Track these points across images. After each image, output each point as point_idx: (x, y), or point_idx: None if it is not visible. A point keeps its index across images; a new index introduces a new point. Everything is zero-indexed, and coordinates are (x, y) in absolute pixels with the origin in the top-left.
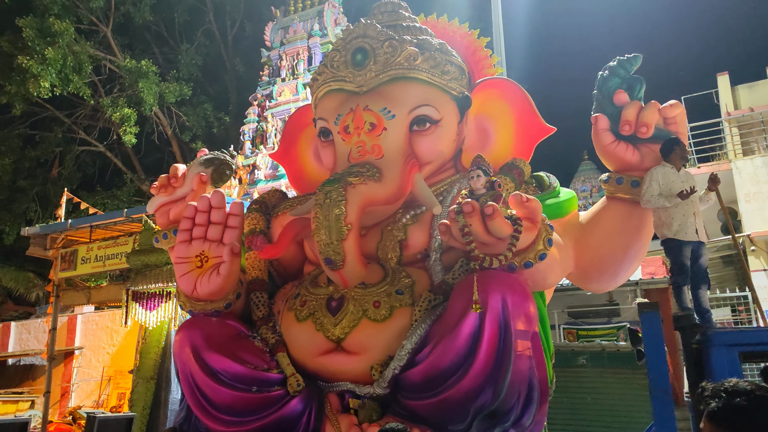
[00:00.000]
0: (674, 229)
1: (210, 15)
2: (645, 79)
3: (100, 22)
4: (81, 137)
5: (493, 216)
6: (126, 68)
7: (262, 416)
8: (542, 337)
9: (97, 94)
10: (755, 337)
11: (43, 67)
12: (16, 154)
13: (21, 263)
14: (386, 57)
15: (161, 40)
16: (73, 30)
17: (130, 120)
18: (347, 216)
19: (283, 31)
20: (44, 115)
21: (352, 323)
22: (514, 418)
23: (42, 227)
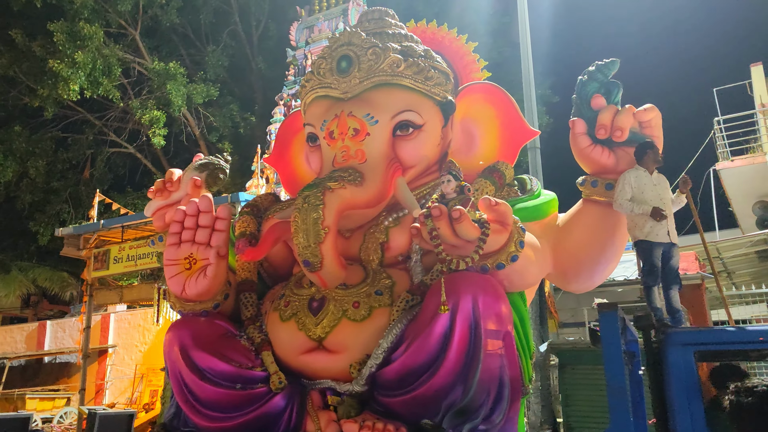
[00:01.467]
0: (645, 230)
1: (235, 16)
2: (676, 71)
3: (128, 26)
4: (111, 139)
5: (460, 220)
6: (154, 71)
7: (245, 412)
8: (520, 336)
9: (126, 97)
10: (710, 337)
11: (73, 70)
12: (49, 157)
13: (55, 263)
14: (370, 64)
15: (188, 42)
16: (102, 34)
17: (159, 122)
18: (325, 220)
19: (308, 31)
20: (76, 118)
21: (332, 323)
22: (484, 414)
23: (75, 228)
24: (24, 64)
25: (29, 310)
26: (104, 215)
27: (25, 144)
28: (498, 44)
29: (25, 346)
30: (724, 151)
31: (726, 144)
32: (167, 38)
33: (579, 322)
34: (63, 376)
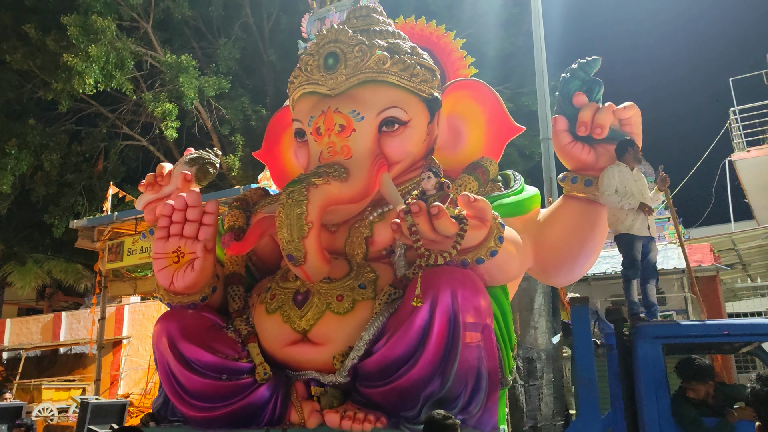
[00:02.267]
0: (627, 224)
1: (246, 8)
2: (691, 60)
3: (140, 19)
4: (125, 132)
5: (438, 216)
6: (166, 63)
7: (231, 402)
8: (501, 329)
9: (139, 89)
10: (677, 331)
11: (87, 64)
12: (63, 150)
13: (70, 255)
14: (356, 61)
15: (200, 35)
16: (114, 27)
17: (171, 115)
18: (308, 215)
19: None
20: (89, 111)
21: (316, 316)
22: (462, 405)
23: (89, 220)
24: (38, 58)
25: (44, 301)
26: (118, 207)
27: (40, 137)
28: (510, 34)
29: (40, 337)
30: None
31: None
32: (179, 31)
33: None
34: (78, 366)
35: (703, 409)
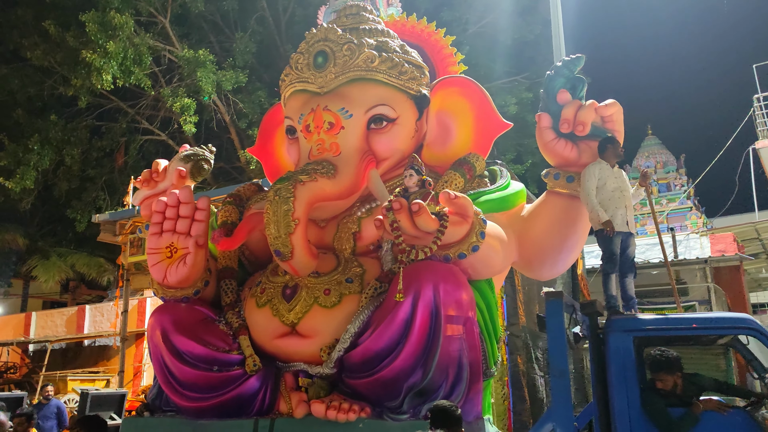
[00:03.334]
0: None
1: (263, 1)
2: (713, 47)
3: (158, 14)
4: (144, 127)
5: (419, 213)
6: (184, 58)
7: (222, 393)
8: (486, 321)
9: (158, 84)
10: (647, 324)
11: (105, 60)
12: (84, 145)
13: (92, 249)
14: (345, 59)
15: (217, 29)
16: (132, 23)
17: (189, 109)
18: (295, 212)
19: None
20: (109, 107)
21: (304, 309)
22: (443, 395)
23: (111, 214)
24: (58, 55)
25: (68, 295)
26: None
27: (61, 133)
28: (528, 22)
29: (65, 330)
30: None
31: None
32: (197, 25)
33: None
34: (102, 358)
35: (672, 399)
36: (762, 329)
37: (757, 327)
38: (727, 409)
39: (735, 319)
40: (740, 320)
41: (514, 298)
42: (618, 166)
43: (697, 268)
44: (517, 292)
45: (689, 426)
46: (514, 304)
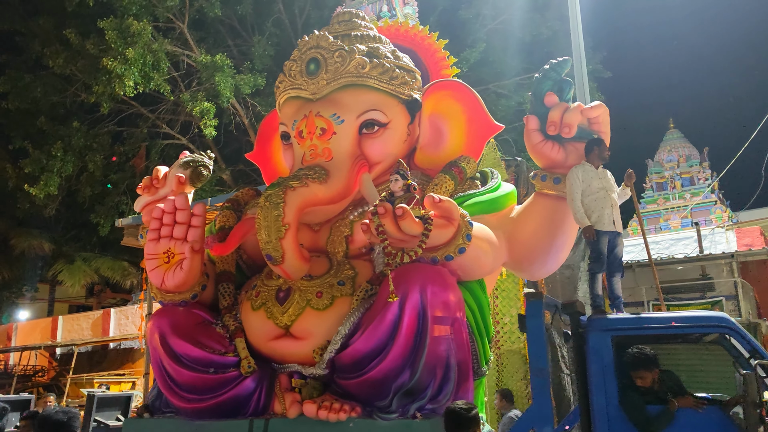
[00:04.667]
0: (593, 219)
1: (279, 4)
2: (732, 43)
3: (176, 19)
4: (165, 131)
5: (403, 217)
6: (202, 63)
7: (218, 394)
8: (477, 321)
9: (177, 89)
10: (625, 323)
11: (126, 67)
12: (106, 151)
13: (116, 253)
14: (336, 66)
15: (235, 33)
16: (150, 29)
17: (209, 113)
18: (285, 217)
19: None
20: (130, 112)
21: (297, 312)
22: (431, 395)
23: (134, 218)
24: (79, 63)
25: (93, 298)
26: None
27: (84, 139)
28: (546, 18)
29: (91, 333)
30: None
31: None
32: (215, 30)
33: (637, 301)
34: (127, 361)
35: (650, 396)
36: (736, 327)
37: (731, 325)
38: (703, 405)
39: (711, 317)
40: (716, 318)
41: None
42: (603, 167)
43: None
44: (540, 290)
45: (665, 423)
46: None
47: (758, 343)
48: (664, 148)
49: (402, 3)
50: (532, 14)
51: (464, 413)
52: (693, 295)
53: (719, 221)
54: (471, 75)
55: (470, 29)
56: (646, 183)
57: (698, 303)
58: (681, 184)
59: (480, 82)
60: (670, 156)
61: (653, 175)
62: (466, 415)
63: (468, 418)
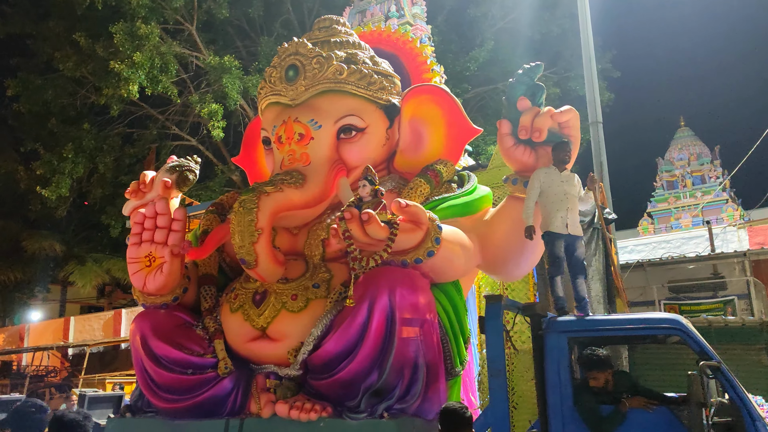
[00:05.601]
0: (547, 222)
1: (288, 5)
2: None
3: (185, 21)
4: (174, 132)
5: (369, 221)
6: (210, 65)
7: (196, 395)
8: (452, 322)
9: (186, 91)
10: (581, 325)
11: (133, 70)
12: (116, 152)
13: None
14: (314, 72)
15: (243, 34)
16: (158, 32)
17: (217, 115)
18: (258, 222)
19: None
20: (140, 114)
21: (273, 314)
22: (398, 395)
23: None
24: (89, 65)
25: (104, 299)
26: None
27: (94, 141)
28: (556, 17)
29: (102, 334)
30: None
31: None
32: (223, 31)
33: (649, 300)
34: None
35: (603, 397)
36: (686, 329)
37: (681, 327)
38: (653, 406)
39: (663, 319)
40: (667, 320)
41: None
42: (569, 170)
43: (736, 261)
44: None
45: (617, 423)
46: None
47: (707, 344)
48: (675, 146)
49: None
50: (541, 12)
51: (460, 413)
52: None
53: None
54: (480, 74)
55: (479, 28)
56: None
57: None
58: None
59: (489, 81)
60: (680, 154)
61: (664, 173)
62: (462, 415)
63: (464, 418)
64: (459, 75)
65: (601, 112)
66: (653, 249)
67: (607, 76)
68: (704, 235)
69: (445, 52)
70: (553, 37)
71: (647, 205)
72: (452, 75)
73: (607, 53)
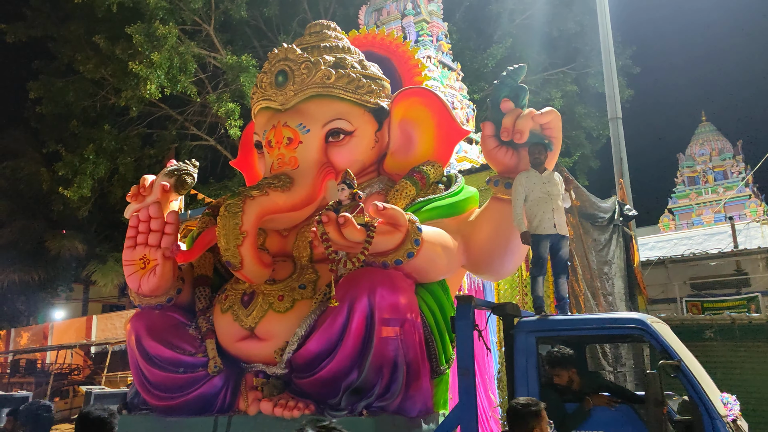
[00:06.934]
0: (534, 224)
1: (304, 4)
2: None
3: (202, 22)
4: (193, 132)
5: (345, 225)
6: (227, 64)
7: (186, 393)
8: (438, 321)
9: (204, 90)
10: (548, 325)
11: (151, 70)
12: (136, 153)
13: None
14: (303, 77)
15: (260, 34)
16: (176, 33)
17: (234, 114)
18: (243, 225)
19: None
20: (159, 114)
21: (260, 314)
22: (378, 393)
23: None
24: (109, 67)
25: (125, 298)
26: (190, 206)
27: (114, 142)
28: (575, 13)
29: (124, 332)
30: None
31: None
32: (240, 31)
33: (670, 297)
34: None
35: (569, 395)
36: (649, 329)
37: (645, 327)
38: (616, 404)
39: (627, 319)
40: (631, 320)
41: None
42: (549, 171)
43: (759, 257)
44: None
45: (580, 420)
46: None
47: (669, 344)
48: (696, 142)
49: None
50: (559, 9)
51: (521, 408)
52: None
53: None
54: (498, 71)
55: (497, 25)
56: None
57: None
58: (714, 178)
59: None
60: (702, 149)
61: (685, 169)
62: (523, 410)
63: (524, 413)
64: (476, 72)
65: (620, 108)
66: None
67: (626, 72)
68: (727, 231)
69: (462, 50)
70: (571, 34)
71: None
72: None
73: (626, 49)
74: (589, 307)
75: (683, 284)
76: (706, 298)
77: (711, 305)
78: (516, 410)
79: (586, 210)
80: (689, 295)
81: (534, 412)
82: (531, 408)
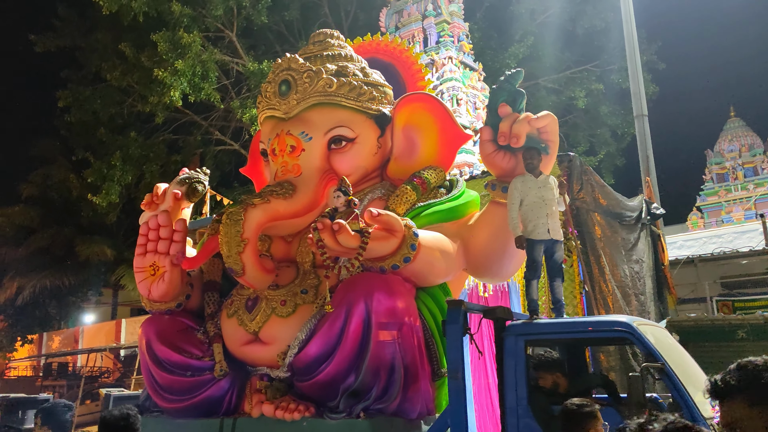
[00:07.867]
0: (528, 229)
1: (325, 8)
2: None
3: (225, 28)
4: (217, 138)
5: (339, 231)
6: (250, 71)
7: (194, 395)
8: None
9: (228, 96)
10: (537, 329)
11: (175, 78)
12: (162, 160)
13: None
14: (305, 86)
15: (282, 39)
16: (200, 40)
17: None
18: (244, 232)
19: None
20: (184, 120)
21: (264, 319)
22: (375, 395)
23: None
24: (135, 75)
25: None
26: (215, 210)
27: (141, 149)
28: (599, 10)
29: None
30: None
31: None
32: (263, 37)
33: (700, 297)
34: None
35: (557, 398)
36: (635, 332)
37: (630, 330)
38: (602, 406)
39: (612, 322)
40: (617, 323)
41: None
42: (545, 175)
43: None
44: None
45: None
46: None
47: (654, 347)
48: (725, 138)
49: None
50: (583, 6)
51: (576, 410)
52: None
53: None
54: None
55: (518, 24)
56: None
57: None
58: (743, 174)
59: (529, 77)
60: (731, 145)
61: (713, 166)
62: (578, 411)
63: (580, 414)
64: (498, 72)
65: (646, 105)
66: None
67: (651, 67)
68: (758, 229)
69: (484, 49)
70: (596, 31)
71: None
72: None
73: (651, 45)
74: (619, 308)
75: (713, 283)
76: (737, 298)
77: (742, 305)
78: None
79: (612, 209)
80: (720, 294)
81: (589, 413)
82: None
